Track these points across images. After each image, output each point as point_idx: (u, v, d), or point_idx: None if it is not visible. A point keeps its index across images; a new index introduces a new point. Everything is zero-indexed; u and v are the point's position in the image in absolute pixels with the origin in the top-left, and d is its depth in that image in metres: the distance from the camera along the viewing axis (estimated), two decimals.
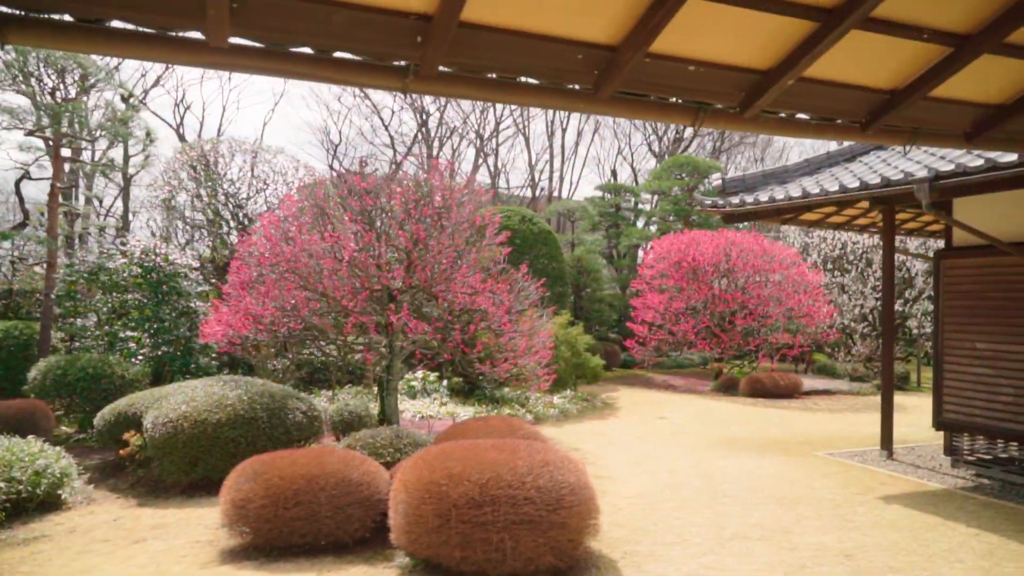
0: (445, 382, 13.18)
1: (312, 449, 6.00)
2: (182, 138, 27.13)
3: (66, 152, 17.96)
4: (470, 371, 9.22)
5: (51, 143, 12.60)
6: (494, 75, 2.93)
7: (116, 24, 2.41)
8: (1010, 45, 3.42)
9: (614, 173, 35.52)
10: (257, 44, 2.51)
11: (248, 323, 8.71)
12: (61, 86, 13.09)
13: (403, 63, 2.75)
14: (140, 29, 2.41)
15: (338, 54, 2.65)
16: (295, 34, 2.50)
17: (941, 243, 9.09)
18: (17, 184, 15.56)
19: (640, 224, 27.40)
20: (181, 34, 2.43)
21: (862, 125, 3.71)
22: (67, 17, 2.37)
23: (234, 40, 2.46)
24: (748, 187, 9.37)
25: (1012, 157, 6.17)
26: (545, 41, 2.91)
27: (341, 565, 5.06)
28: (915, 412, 12.71)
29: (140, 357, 11.12)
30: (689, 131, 34.74)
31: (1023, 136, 4.16)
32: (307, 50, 2.59)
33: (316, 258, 8.36)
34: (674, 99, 3.28)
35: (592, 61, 3.02)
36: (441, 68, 2.80)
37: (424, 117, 31.10)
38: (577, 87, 3.11)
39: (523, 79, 3.00)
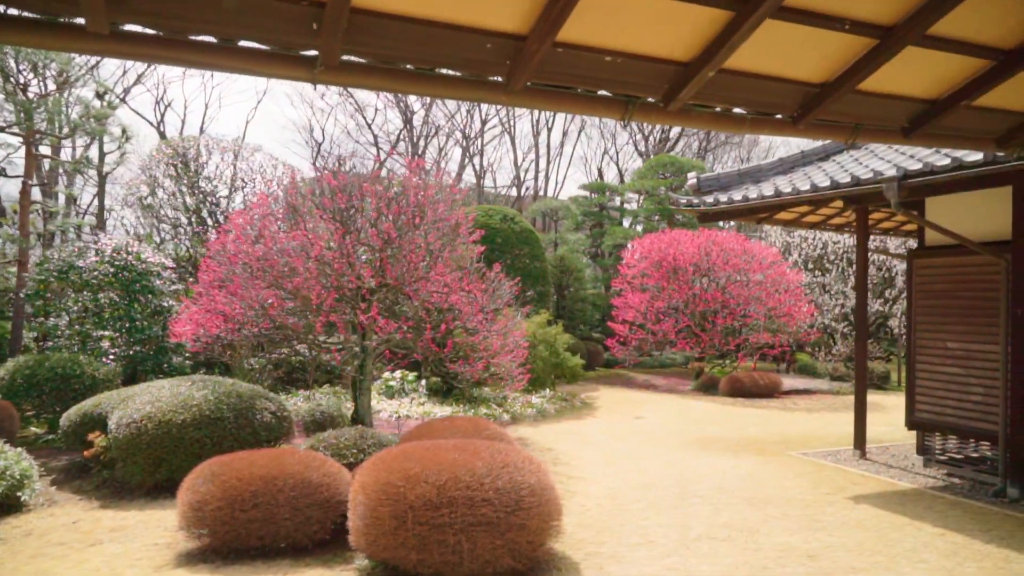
0: (423, 382, 13.11)
1: (272, 450, 5.91)
2: (163, 136, 26.91)
3: (45, 150, 17.76)
4: (443, 370, 9.15)
5: (23, 139, 12.43)
6: (411, 66, 2.82)
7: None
8: (933, 37, 3.38)
9: (600, 173, 35.55)
10: (149, 31, 2.39)
11: (218, 322, 8.61)
12: (35, 82, 12.94)
13: (311, 53, 2.64)
14: (14, 13, 2.28)
15: (243, 43, 2.53)
16: (183, 20, 2.38)
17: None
18: None
19: (626, 223, 27.40)
20: (64, 20, 2.30)
21: (794, 119, 3.66)
22: None
23: (129, 27, 2.33)
24: (723, 186, 9.34)
25: (978, 156, 6.16)
26: (451, 30, 2.81)
27: (298, 568, 4.99)
28: (893, 411, 12.73)
29: (111, 357, 10.98)
30: (675, 131, 34.74)
31: (959, 132, 4.14)
32: (209, 38, 2.47)
33: (287, 256, 8.27)
34: (602, 92, 3.20)
35: (502, 51, 2.91)
36: (353, 59, 2.70)
37: (409, 115, 30.98)
38: (499, 79, 3.00)
39: (439, 70, 2.89)
